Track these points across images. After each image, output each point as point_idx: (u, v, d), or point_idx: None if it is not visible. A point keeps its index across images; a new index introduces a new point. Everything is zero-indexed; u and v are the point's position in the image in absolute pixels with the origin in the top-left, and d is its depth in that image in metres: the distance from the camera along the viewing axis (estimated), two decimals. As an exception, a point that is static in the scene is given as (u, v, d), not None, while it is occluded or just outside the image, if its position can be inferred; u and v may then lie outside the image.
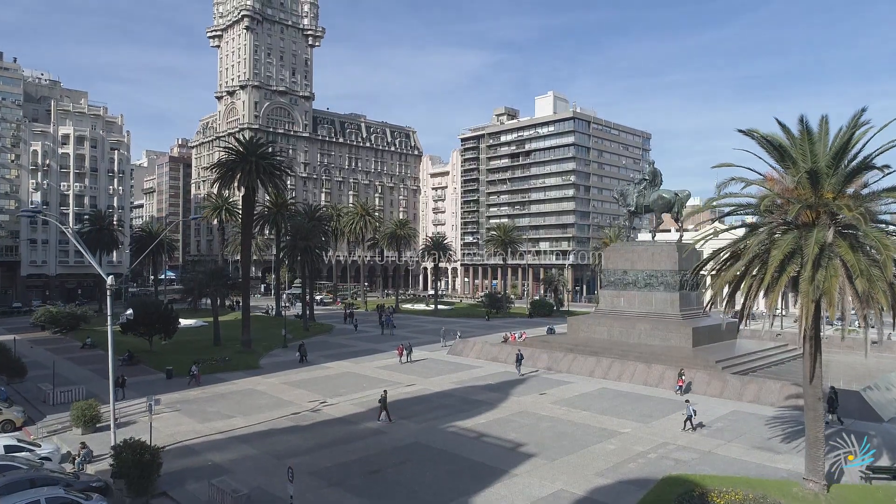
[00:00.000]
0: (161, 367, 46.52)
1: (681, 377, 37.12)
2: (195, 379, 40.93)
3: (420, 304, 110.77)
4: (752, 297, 19.45)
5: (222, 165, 51.66)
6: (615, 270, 54.50)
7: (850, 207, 17.17)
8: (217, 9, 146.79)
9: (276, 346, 57.37)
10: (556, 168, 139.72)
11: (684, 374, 37.57)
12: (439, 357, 51.39)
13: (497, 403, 35.21)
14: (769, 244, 19.28)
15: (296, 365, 48.11)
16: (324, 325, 71.94)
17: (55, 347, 58.70)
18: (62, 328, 68.68)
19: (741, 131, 20.25)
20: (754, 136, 20.11)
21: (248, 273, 54.68)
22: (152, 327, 51.89)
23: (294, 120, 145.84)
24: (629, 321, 51.47)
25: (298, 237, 64.20)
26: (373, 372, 45.10)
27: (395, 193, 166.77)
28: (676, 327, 48.69)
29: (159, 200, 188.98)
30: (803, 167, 19.14)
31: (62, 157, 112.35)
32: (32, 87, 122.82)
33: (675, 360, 43.88)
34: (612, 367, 42.38)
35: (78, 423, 30.04)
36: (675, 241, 53.61)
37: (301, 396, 37.34)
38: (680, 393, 36.52)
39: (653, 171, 55.00)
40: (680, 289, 50.68)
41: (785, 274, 18.34)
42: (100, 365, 47.53)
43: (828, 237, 18.11)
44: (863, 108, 18.87)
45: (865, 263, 17.62)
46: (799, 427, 29.48)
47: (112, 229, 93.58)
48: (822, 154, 19.35)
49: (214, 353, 52.70)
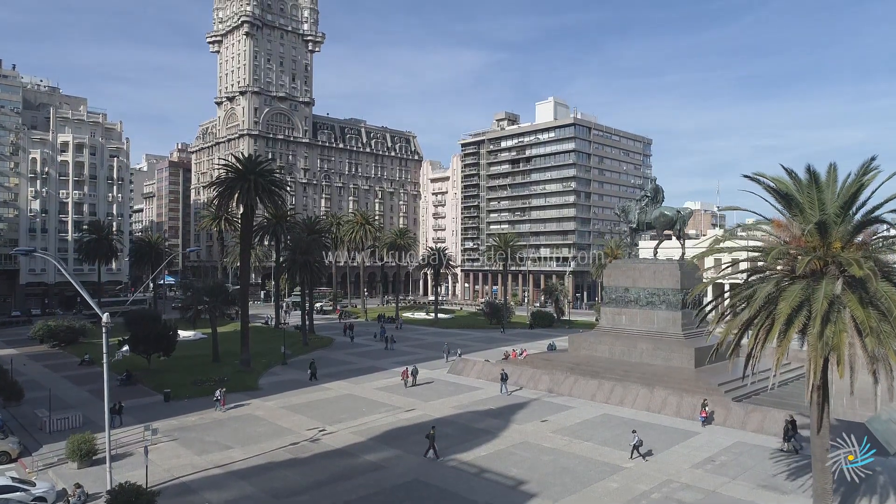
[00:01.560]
0: (159, 387, 46.20)
1: (704, 408, 35.92)
2: (220, 403, 40.31)
3: (420, 313, 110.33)
4: (759, 345, 19.09)
5: (221, 183, 51.30)
6: (617, 288, 54.10)
7: (859, 264, 16.78)
8: (217, 14, 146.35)
9: (276, 363, 57.01)
10: (557, 174, 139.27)
11: (707, 405, 36.29)
12: (440, 376, 50.98)
13: (498, 432, 34.81)
14: (777, 293, 18.90)
15: (295, 385, 47.72)
16: (323, 339, 71.53)
17: (53, 364, 58.38)
18: (60, 342, 68.39)
19: (747, 177, 19.90)
20: (760, 182, 19.74)
21: (246, 290, 54.30)
22: (151, 346, 51.54)
23: (294, 126, 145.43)
24: (631, 340, 51.09)
25: (298, 252, 63.84)
26: (372, 394, 44.69)
27: (395, 199, 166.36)
28: (678, 347, 48.31)
29: (159, 205, 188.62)
30: (811, 216, 18.76)
31: (61, 164, 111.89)
32: (31, 93, 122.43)
33: (678, 381, 43.52)
34: (613, 391, 41.99)
35: (74, 458, 29.64)
36: (677, 259, 53.19)
37: (300, 423, 36.96)
38: (703, 424, 35.46)
39: (654, 187, 54.61)
40: (682, 307, 50.28)
41: (792, 327, 17.98)
42: (98, 385, 47.00)
43: (836, 289, 17.75)
44: (872, 157, 18.53)
45: (876, 319, 17.25)
46: (804, 462, 29.12)
47: (111, 239, 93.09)
48: (830, 201, 18.98)
49: (213, 372, 52.36)
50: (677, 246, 56.44)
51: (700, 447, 32.02)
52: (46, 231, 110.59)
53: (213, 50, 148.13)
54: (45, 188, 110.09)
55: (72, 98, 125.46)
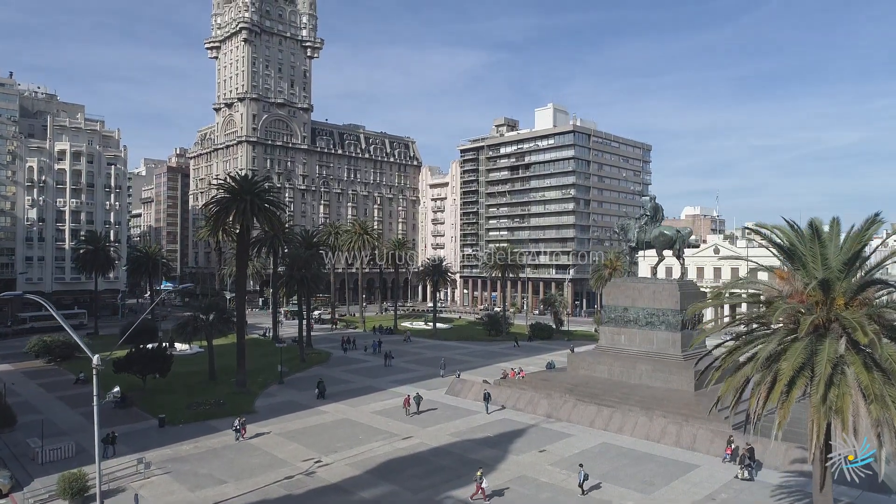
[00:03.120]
0: (154, 410, 45.83)
1: (729, 444, 34.53)
2: (240, 433, 39.55)
3: (419, 322, 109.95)
4: (760, 404, 18.69)
5: (217, 203, 50.89)
6: (616, 307, 53.68)
7: (864, 329, 16.37)
8: (215, 20, 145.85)
9: (273, 382, 56.61)
10: (556, 182, 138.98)
11: (733, 441, 34.61)
12: (438, 398, 50.54)
13: (495, 464, 34.40)
14: (779, 351, 18.48)
15: (292, 408, 47.32)
16: (321, 354, 71.12)
17: (48, 382, 57.86)
18: (55, 357, 67.93)
19: (749, 228, 19.46)
20: (762, 233, 19.33)
21: (243, 307, 53.86)
22: (146, 366, 51.12)
23: (292, 132, 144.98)
24: (630, 361, 50.69)
25: (295, 267, 63.42)
26: (369, 419, 44.27)
27: (394, 205, 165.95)
28: (678, 369, 47.91)
29: (157, 210, 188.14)
30: (814, 269, 18.35)
31: (59, 172, 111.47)
32: (29, 100, 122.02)
33: (677, 406, 43.08)
34: (612, 418, 41.59)
35: (65, 496, 29.23)
36: (676, 279, 52.77)
37: (295, 453, 36.53)
38: (727, 461, 34.03)
39: (654, 206, 54.17)
40: (682, 328, 49.85)
41: (795, 388, 17.59)
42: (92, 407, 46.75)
43: (840, 349, 17.36)
44: (876, 213, 18.14)
45: (881, 382, 16.86)
46: (805, 500, 28.73)
47: (107, 250, 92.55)
48: (833, 255, 18.59)
49: (209, 392, 52.00)
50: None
51: (700, 482, 31.64)
52: (43, 240, 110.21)
53: (211, 56, 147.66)
54: (42, 197, 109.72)
55: (69, 105, 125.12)
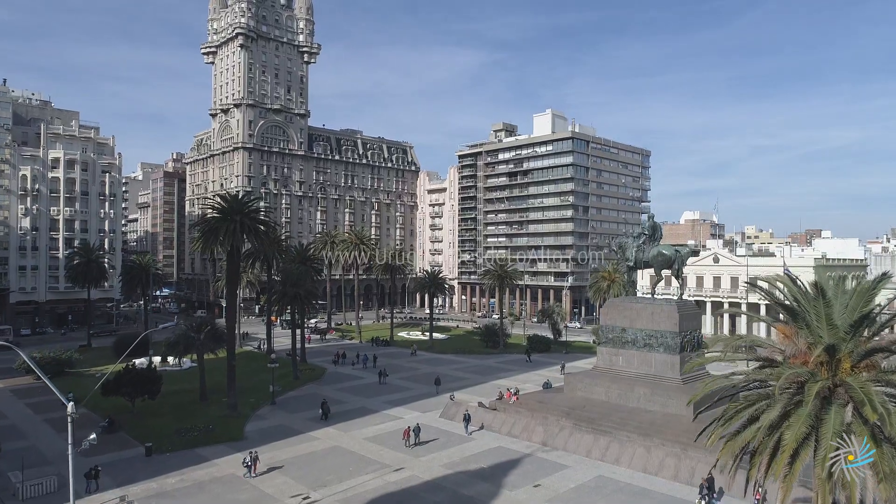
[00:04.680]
0: (142, 436, 44.87)
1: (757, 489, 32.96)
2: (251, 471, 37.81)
3: (416, 331, 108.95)
4: (762, 473, 17.76)
5: (205, 223, 49.93)
6: (613, 327, 52.77)
7: (872, 405, 15.37)
8: (211, 25, 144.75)
9: (265, 403, 55.61)
10: (555, 188, 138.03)
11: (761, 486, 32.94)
12: (432, 422, 49.51)
13: (489, 501, 33.46)
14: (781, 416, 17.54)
15: (283, 433, 46.36)
16: (315, 370, 70.15)
17: (36, 402, 56.87)
18: (46, 374, 66.78)
19: (749, 283, 18.53)
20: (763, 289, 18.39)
21: (233, 329, 52.89)
22: (136, 389, 50.16)
23: (289, 138, 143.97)
24: (628, 384, 49.75)
25: (288, 284, 62.48)
26: (361, 446, 43.28)
27: (392, 210, 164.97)
28: (677, 394, 46.96)
29: (154, 216, 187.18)
30: (818, 329, 17.39)
31: (52, 181, 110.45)
32: (23, 107, 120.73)
33: (676, 434, 42.08)
34: (609, 449, 40.63)
35: (42, 541, 28.29)
36: (675, 300, 51.82)
37: (283, 488, 35.54)
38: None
39: (652, 225, 53.26)
40: (681, 351, 48.96)
41: (798, 460, 16.65)
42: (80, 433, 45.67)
43: (846, 417, 16.43)
44: (884, 273, 17.18)
45: (890, 457, 15.91)
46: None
47: (100, 262, 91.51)
48: (838, 314, 17.64)
49: (200, 413, 51.13)
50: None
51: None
52: (37, 249, 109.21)
53: (207, 61, 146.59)
54: (35, 205, 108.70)
55: (64, 112, 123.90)
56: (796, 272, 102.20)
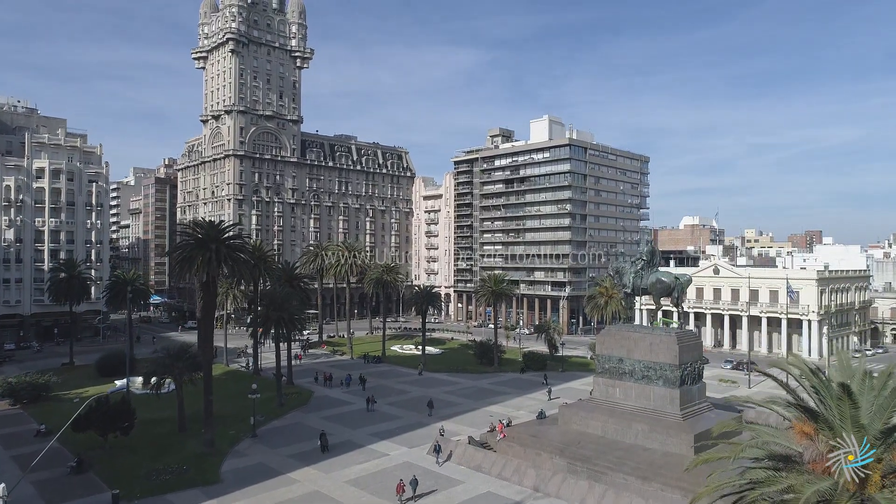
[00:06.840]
0: (112, 476, 42.51)
1: None
2: None
3: (409, 345, 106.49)
4: None
5: (180, 249, 47.42)
6: (610, 357, 50.37)
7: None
8: (202, 29, 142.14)
9: (245, 435, 53.06)
10: (552, 196, 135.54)
11: None
12: (418, 460, 46.96)
13: (474, 565, 30.99)
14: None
15: (261, 475, 43.75)
16: (301, 394, 67.58)
17: (7, 434, 54.21)
18: (21, 400, 64.39)
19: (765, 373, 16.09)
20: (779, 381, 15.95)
21: (210, 367, 50.28)
22: (107, 425, 47.67)
23: (281, 144, 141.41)
24: (626, 419, 47.34)
25: (272, 308, 59.95)
26: (342, 492, 40.69)
27: (387, 217, 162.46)
28: (677, 431, 44.64)
29: (145, 222, 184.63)
30: (841, 430, 14.95)
31: (37, 191, 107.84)
32: (8, 115, 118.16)
33: (676, 475, 39.64)
34: (605, 497, 38.17)
35: None
36: (675, 329, 49.41)
37: (254, 547, 33.07)
38: None
39: (650, 250, 50.79)
40: (681, 384, 46.58)
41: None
42: (49, 474, 43.45)
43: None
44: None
45: None
46: None
47: (82, 277, 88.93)
48: (865, 414, 15.22)
49: (176, 449, 48.69)
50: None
51: None
52: (21, 261, 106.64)
53: (198, 66, 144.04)
54: (19, 216, 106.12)
55: (50, 119, 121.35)
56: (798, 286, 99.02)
